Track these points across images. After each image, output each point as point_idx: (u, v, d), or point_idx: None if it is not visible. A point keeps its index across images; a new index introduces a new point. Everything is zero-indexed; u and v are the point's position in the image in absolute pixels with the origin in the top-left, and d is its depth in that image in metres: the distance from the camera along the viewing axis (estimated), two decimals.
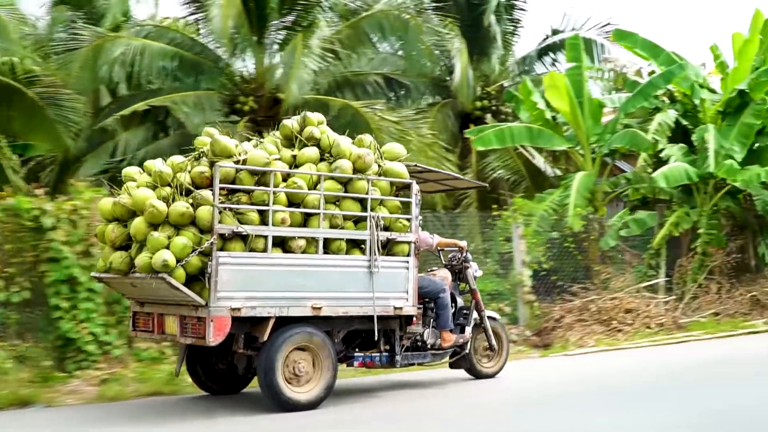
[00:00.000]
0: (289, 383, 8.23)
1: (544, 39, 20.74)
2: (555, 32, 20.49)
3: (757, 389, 9.47)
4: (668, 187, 16.01)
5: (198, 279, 7.85)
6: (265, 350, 8.14)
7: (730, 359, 12.02)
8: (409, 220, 8.90)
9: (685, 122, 17.48)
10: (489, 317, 10.25)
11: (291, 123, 8.89)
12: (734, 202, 17.10)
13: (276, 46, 16.90)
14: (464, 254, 10.15)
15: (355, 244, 8.62)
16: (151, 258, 7.62)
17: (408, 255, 8.85)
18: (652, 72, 17.79)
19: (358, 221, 8.66)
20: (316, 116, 8.99)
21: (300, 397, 8.25)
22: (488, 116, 19.18)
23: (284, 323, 8.20)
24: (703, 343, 13.88)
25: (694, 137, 16.73)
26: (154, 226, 7.79)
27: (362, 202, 8.63)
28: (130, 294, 8.63)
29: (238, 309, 7.85)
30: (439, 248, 10.15)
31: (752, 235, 17.73)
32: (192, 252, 7.69)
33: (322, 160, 8.68)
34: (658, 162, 16.80)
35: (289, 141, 8.90)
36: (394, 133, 14.91)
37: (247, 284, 7.91)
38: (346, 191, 8.56)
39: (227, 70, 16.75)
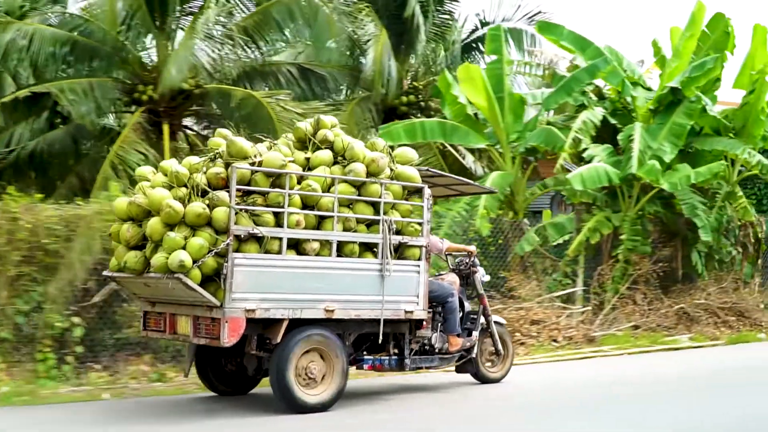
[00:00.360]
0: (302, 385, 8.24)
1: (473, 31, 19.57)
2: (484, 24, 19.21)
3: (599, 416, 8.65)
4: (585, 189, 14.84)
5: (213, 280, 7.87)
6: (277, 352, 8.15)
7: (620, 380, 11.02)
8: (420, 224, 8.94)
9: (614, 121, 16.46)
10: (495, 322, 10.30)
11: (304, 126, 8.92)
12: (663, 206, 16.17)
13: (182, 33, 15.79)
14: (472, 259, 10.21)
15: (367, 248, 8.65)
16: (167, 258, 7.63)
17: (419, 259, 8.89)
18: (577, 66, 16.65)
19: (370, 224, 8.69)
20: (329, 119, 9.02)
21: (312, 399, 8.28)
22: (417, 113, 18.03)
23: (297, 325, 8.22)
24: (608, 360, 12.90)
25: (620, 137, 15.70)
26: (170, 226, 7.80)
27: (375, 206, 8.67)
28: (142, 294, 8.63)
29: (253, 310, 7.87)
30: (447, 253, 10.19)
31: (682, 243, 16.64)
32: (208, 253, 7.71)
33: (335, 163, 8.71)
34: (584, 163, 15.59)
35: (302, 143, 8.92)
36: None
37: (262, 286, 7.93)
38: (359, 194, 8.60)
39: (127, 57, 15.75)
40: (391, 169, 8.92)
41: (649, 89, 16.81)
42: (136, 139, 14.73)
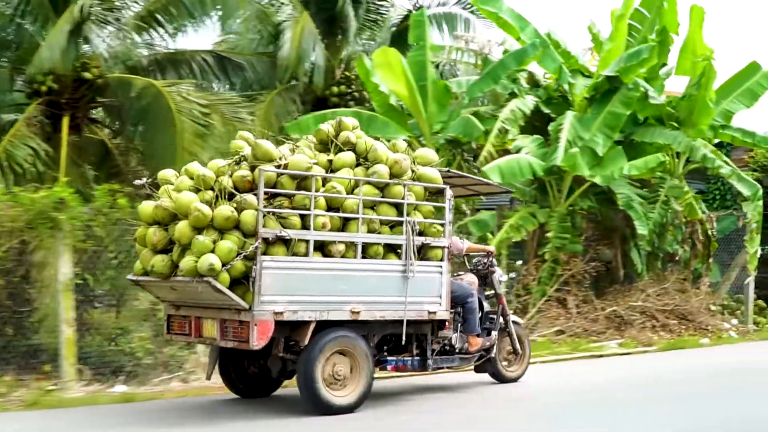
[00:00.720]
0: (329, 387, 8.26)
1: (406, 17, 18.31)
2: (418, 9, 17.90)
3: None
4: (504, 182, 13.44)
5: (240, 283, 7.86)
6: (305, 354, 8.16)
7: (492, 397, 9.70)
8: (442, 225, 8.97)
9: (547, 110, 15.52)
10: (513, 322, 10.35)
11: (326, 128, 8.93)
12: (600, 202, 15.19)
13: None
14: (490, 259, 10.25)
15: (390, 249, 8.68)
16: (196, 262, 7.63)
17: (441, 260, 8.92)
18: (507, 51, 15.75)
19: (392, 226, 8.72)
20: (350, 121, 9.04)
21: (339, 401, 8.29)
22: (352, 103, 17.02)
23: (323, 327, 8.24)
24: None
25: (550, 127, 14.77)
26: (199, 229, 7.79)
27: (398, 207, 8.69)
28: (167, 297, 8.62)
29: (281, 313, 7.87)
30: (467, 253, 10.22)
31: (622, 241, 15.79)
32: (237, 256, 7.71)
33: (357, 165, 8.73)
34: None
35: (324, 145, 8.93)
36: (198, 117, 13.37)
37: (289, 288, 7.93)
38: (382, 196, 8.62)
39: (21, 44, 14.86)
40: (413, 171, 8.95)
41: (590, 76, 15.94)
42: (28, 134, 13.89)
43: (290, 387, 9.57)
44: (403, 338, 8.74)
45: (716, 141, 17.19)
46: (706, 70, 15.39)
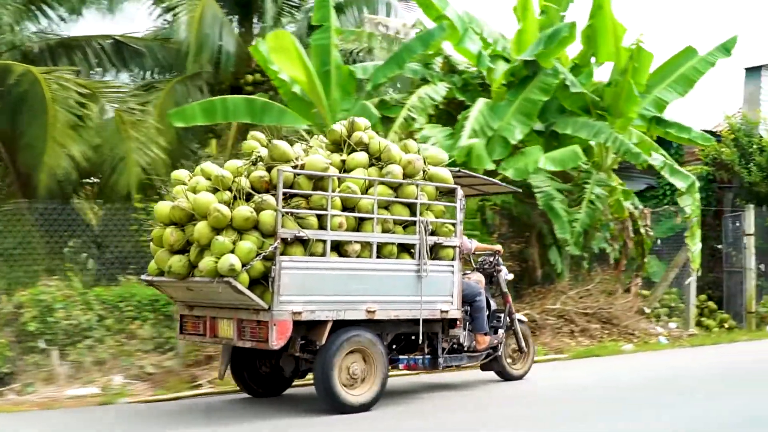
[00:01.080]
0: (345, 386, 8.31)
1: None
2: None
3: None
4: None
5: (259, 283, 7.89)
6: (322, 353, 8.21)
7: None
8: (453, 224, 9.05)
9: (462, 98, 14.39)
10: (518, 320, 10.46)
11: (339, 128, 8.97)
12: (515, 196, 13.58)
13: None
14: (497, 258, 10.35)
15: (403, 249, 8.74)
16: (216, 262, 7.65)
17: (453, 259, 9.00)
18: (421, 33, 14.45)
19: (405, 226, 8.78)
20: (362, 121, 9.09)
21: (355, 400, 8.35)
22: (272, 92, 15.12)
23: (339, 326, 8.29)
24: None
25: (460, 116, 13.62)
26: (218, 230, 7.81)
27: (410, 207, 8.76)
28: (182, 298, 8.62)
29: (299, 313, 7.91)
30: (474, 252, 10.30)
31: (538, 238, 14.84)
32: (256, 256, 7.74)
33: (370, 165, 8.78)
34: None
35: (336, 146, 8.98)
36: (74, 107, 12.07)
37: (307, 288, 7.98)
38: (396, 196, 8.68)
39: None
40: (424, 171, 9.02)
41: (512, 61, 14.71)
42: None
43: (299, 387, 9.65)
44: (420, 337, 8.82)
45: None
46: (635, 55, 14.27)
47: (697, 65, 15.30)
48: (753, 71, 20.90)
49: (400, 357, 9.11)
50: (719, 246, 18.13)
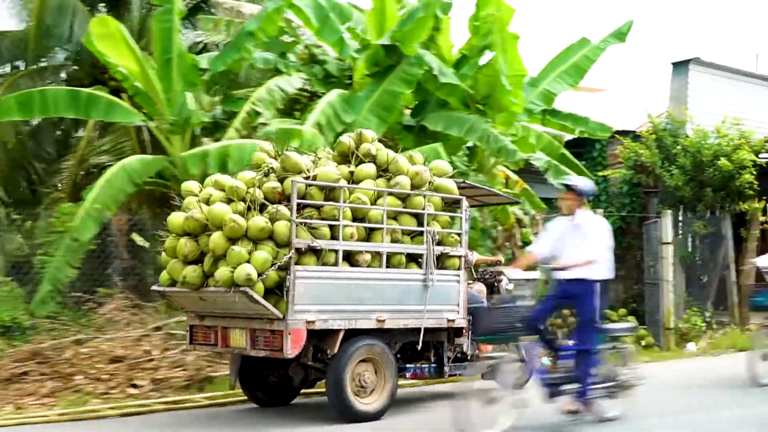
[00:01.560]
0: (356, 394, 8.42)
1: None
2: None
3: None
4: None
5: (272, 293, 8.00)
6: (334, 362, 8.31)
7: None
8: (459, 234, 9.20)
9: (323, 90, 13.06)
10: None
11: (347, 140, 9.10)
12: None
13: None
14: (497, 268, 10.50)
15: (411, 259, 8.88)
16: (232, 272, 7.74)
17: (459, 269, 9.15)
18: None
19: (413, 236, 8.93)
20: (370, 133, 9.23)
21: (366, 408, 8.46)
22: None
23: (350, 336, 8.40)
24: None
25: (308, 110, 12.38)
26: (233, 240, 7.91)
27: (417, 217, 8.91)
28: (194, 308, 8.69)
29: (313, 322, 8.02)
30: (477, 264, 10.45)
31: None
32: (271, 266, 7.84)
33: (378, 176, 8.93)
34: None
35: (344, 157, 9.11)
36: None
37: (320, 297, 8.09)
38: (404, 206, 8.82)
39: None
40: (430, 182, 9.17)
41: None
42: None
43: (307, 396, 9.73)
44: (422, 346, 8.94)
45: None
46: (495, 38, 12.83)
47: (588, 53, 14.58)
48: (680, 66, 18.78)
49: (407, 366, 9.22)
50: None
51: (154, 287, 8.85)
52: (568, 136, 16.20)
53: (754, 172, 16.13)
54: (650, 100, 18.75)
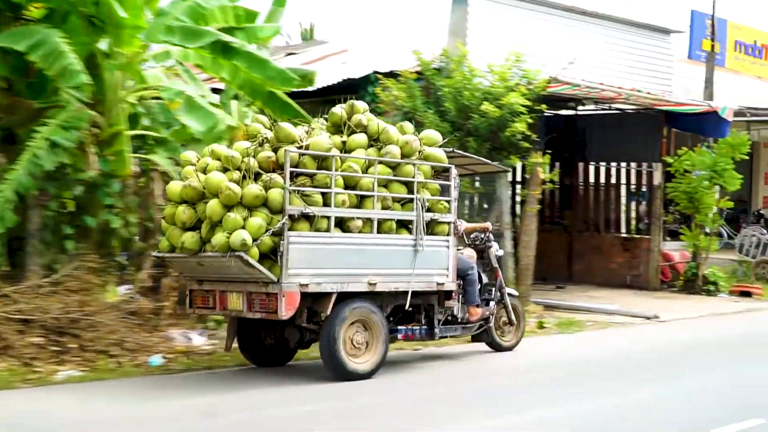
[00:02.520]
0: (349, 354, 8.80)
1: None
2: None
3: None
4: None
5: (267, 257, 8.35)
6: (327, 324, 8.69)
7: None
8: (448, 201, 9.54)
9: None
10: (508, 294, 10.97)
11: (339, 111, 9.41)
12: None
13: None
14: (487, 234, 10.85)
15: (401, 225, 9.22)
16: (228, 237, 8.10)
17: (448, 234, 9.49)
18: None
19: (403, 203, 9.27)
20: (361, 105, 9.55)
21: (359, 367, 8.84)
22: None
23: (343, 298, 8.77)
24: None
25: None
26: (229, 207, 8.27)
27: (408, 185, 9.24)
28: (192, 273, 9.06)
29: (306, 285, 8.40)
30: (465, 232, 10.78)
31: None
32: (265, 232, 8.20)
33: (370, 146, 9.25)
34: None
35: (336, 128, 9.42)
36: None
37: (313, 262, 8.46)
38: (394, 175, 9.15)
39: None
40: (420, 151, 9.49)
41: None
42: None
43: (303, 358, 10.10)
44: (413, 309, 9.31)
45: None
46: None
47: None
48: None
49: (399, 328, 9.59)
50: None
51: (154, 253, 9.21)
52: (334, 80, 14.85)
53: (531, 120, 13.63)
54: (432, 36, 16.08)
